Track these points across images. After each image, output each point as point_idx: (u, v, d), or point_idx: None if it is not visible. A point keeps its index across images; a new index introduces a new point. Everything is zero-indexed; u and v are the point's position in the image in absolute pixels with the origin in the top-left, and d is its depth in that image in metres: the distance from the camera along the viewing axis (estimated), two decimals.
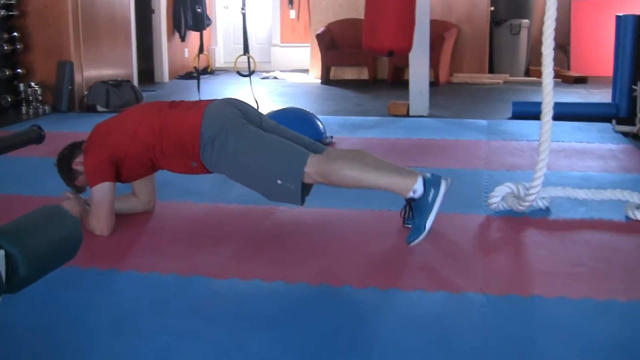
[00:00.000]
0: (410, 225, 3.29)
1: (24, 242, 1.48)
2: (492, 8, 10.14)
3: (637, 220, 3.56)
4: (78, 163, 3.52)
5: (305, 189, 3.29)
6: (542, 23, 3.37)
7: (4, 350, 2.31)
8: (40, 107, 7.47)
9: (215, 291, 2.79)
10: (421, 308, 2.64)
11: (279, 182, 3.21)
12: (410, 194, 3.15)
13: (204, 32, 10.84)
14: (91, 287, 2.87)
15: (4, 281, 1.46)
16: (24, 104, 7.50)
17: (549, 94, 3.39)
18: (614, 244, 3.29)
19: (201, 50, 7.43)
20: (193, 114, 3.37)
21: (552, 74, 3.39)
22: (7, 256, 1.45)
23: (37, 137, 2.24)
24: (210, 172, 3.45)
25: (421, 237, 3.15)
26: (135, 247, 3.35)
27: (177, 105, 3.50)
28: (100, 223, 3.40)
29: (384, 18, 5.94)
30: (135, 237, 3.46)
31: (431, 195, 3.14)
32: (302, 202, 3.28)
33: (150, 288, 2.83)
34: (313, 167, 3.19)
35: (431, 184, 3.15)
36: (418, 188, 3.15)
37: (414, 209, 3.20)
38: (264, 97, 8.40)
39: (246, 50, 7.00)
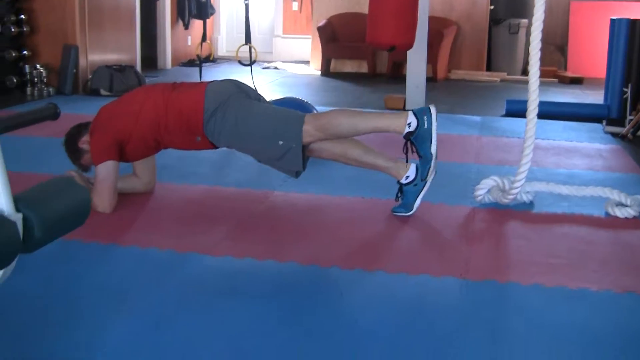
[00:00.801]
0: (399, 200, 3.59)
1: (39, 208, 1.64)
2: (492, 7, 10.30)
3: (616, 217, 3.72)
4: (84, 142, 3.68)
5: (304, 156, 3.50)
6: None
7: (6, 319, 2.46)
8: (45, 89, 7.62)
9: (210, 267, 2.95)
10: (404, 289, 2.80)
11: (280, 142, 3.44)
12: (407, 128, 3.38)
13: (207, 20, 11.00)
14: (92, 260, 3.03)
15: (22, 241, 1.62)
16: (28, 86, 7.65)
17: (535, 92, 3.54)
18: (591, 238, 3.44)
19: (204, 38, 7.58)
20: (196, 92, 3.58)
21: (538, 73, 3.54)
22: (25, 219, 1.61)
23: (54, 114, 2.39)
24: (214, 147, 3.63)
25: (432, 164, 3.44)
26: (135, 224, 3.51)
27: (179, 86, 3.69)
28: (103, 200, 3.56)
29: (387, 14, 6.11)
30: (135, 215, 3.62)
31: (426, 122, 3.40)
32: (304, 166, 3.51)
33: (149, 262, 2.99)
34: (310, 123, 3.44)
35: (422, 113, 3.41)
36: (412, 120, 3.39)
37: (415, 142, 3.43)
38: (265, 86, 8.55)
39: (248, 40, 7.15)
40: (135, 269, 2.92)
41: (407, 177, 3.56)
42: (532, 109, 3.57)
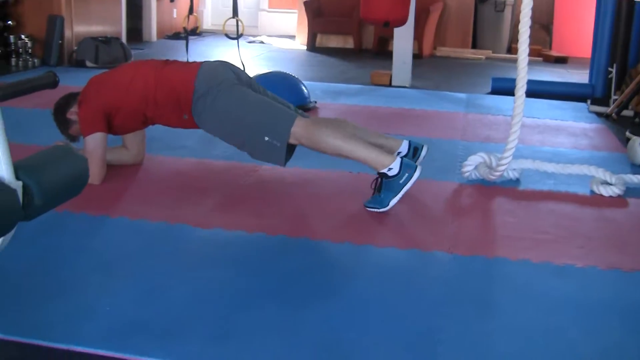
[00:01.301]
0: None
1: (39, 176, 1.65)
2: None
3: (601, 195, 3.76)
4: (73, 113, 3.68)
5: (289, 151, 3.45)
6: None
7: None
8: (30, 59, 7.57)
9: (201, 239, 2.98)
10: (392, 262, 2.84)
11: (266, 138, 3.36)
12: (385, 170, 3.32)
13: None
14: (83, 231, 3.04)
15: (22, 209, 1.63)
16: (13, 56, 7.60)
17: (524, 70, 3.57)
18: (576, 215, 3.49)
19: (191, 11, 7.52)
20: (188, 70, 3.55)
21: (527, 51, 3.57)
22: (25, 187, 1.62)
23: (53, 82, 2.40)
24: (197, 127, 3.61)
25: (380, 210, 3.34)
26: (125, 196, 3.52)
27: (172, 63, 3.67)
28: (92, 172, 3.54)
29: None
30: (125, 187, 3.62)
31: (404, 178, 3.31)
32: (285, 163, 3.45)
33: (140, 234, 3.01)
34: (300, 127, 3.35)
35: (407, 167, 3.31)
36: (394, 167, 3.31)
37: (384, 184, 3.36)
38: (250, 61, 8.53)
39: (235, 13, 7.11)
40: (126, 240, 2.94)
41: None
42: (521, 87, 3.59)
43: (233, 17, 7.13)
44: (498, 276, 2.77)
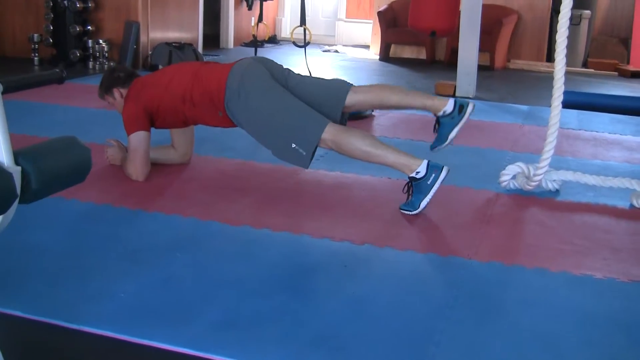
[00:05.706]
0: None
1: (38, 162, 1.78)
2: None
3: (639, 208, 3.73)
4: (118, 91, 3.93)
5: (313, 155, 3.51)
6: (605, 15, 3.56)
7: (30, 267, 2.67)
8: (106, 63, 7.89)
9: (227, 235, 3.10)
10: (407, 265, 2.89)
11: (293, 145, 3.44)
12: (413, 174, 3.40)
13: (271, 2, 11.14)
14: (118, 222, 3.20)
15: (19, 192, 1.76)
16: (91, 59, 7.94)
17: (560, 80, 3.61)
18: (609, 227, 3.46)
19: (260, 19, 7.71)
20: (222, 69, 3.69)
21: (564, 61, 3.61)
22: (23, 172, 1.76)
23: (59, 78, 2.60)
24: (234, 125, 3.73)
25: (413, 212, 3.42)
26: (164, 192, 3.67)
27: (210, 64, 3.83)
28: (135, 169, 3.73)
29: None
30: (167, 184, 3.78)
31: (431, 179, 3.39)
32: (308, 166, 3.54)
33: (170, 227, 3.15)
34: (330, 135, 3.42)
35: (434, 168, 3.39)
36: (421, 170, 3.39)
37: (414, 187, 3.44)
38: (321, 69, 8.64)
39: (303, 22, 7.27)
40: (155, 233, 3.08)
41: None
42: (557, 97, 3.63)
43: (300, 26, 7.29)
44: (510, 283, 2.79)
